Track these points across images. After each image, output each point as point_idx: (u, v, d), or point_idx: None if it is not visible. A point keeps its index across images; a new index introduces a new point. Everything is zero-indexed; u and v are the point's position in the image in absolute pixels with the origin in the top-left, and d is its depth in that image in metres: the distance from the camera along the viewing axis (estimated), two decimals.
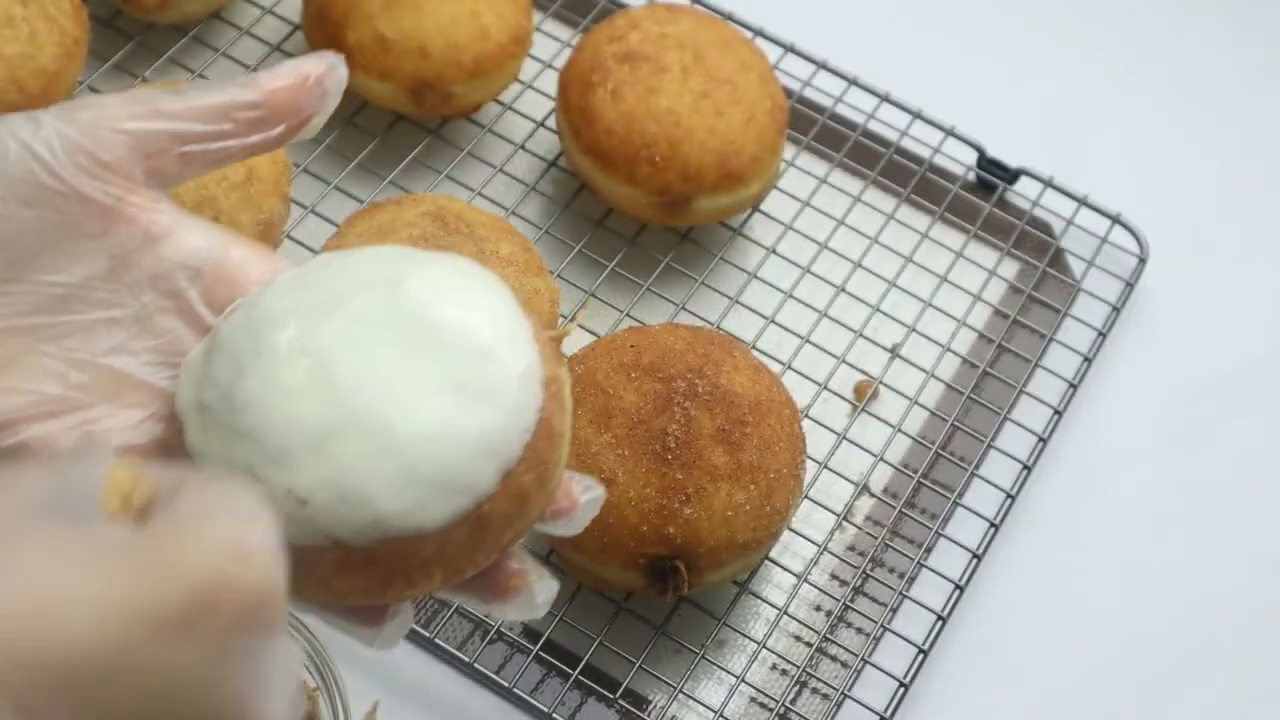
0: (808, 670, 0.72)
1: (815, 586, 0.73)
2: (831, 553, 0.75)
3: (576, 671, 0.70)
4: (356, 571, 0.44)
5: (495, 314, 0.46)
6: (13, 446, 0.44)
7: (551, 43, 0.90)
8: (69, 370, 0.46)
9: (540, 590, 0.47)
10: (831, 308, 0.82)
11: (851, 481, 0.77)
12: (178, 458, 0.45)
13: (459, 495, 0.43)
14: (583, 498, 0.48)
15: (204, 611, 0.35)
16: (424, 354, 0.44)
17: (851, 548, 0.76)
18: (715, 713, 0.70)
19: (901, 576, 0.75)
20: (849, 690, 0.71)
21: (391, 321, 0.44)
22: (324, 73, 0.50)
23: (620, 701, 0.70)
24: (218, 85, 0.48)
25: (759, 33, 0.90)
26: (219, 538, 0.36)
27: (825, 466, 0.77)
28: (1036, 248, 0.87)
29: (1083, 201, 0.88)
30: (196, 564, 0.36)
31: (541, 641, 0.70)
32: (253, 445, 0.43)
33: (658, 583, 0.68)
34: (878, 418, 0.79)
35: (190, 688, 0.35)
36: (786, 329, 0.81)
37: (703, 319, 0.81)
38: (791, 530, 0.74)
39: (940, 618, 0.73)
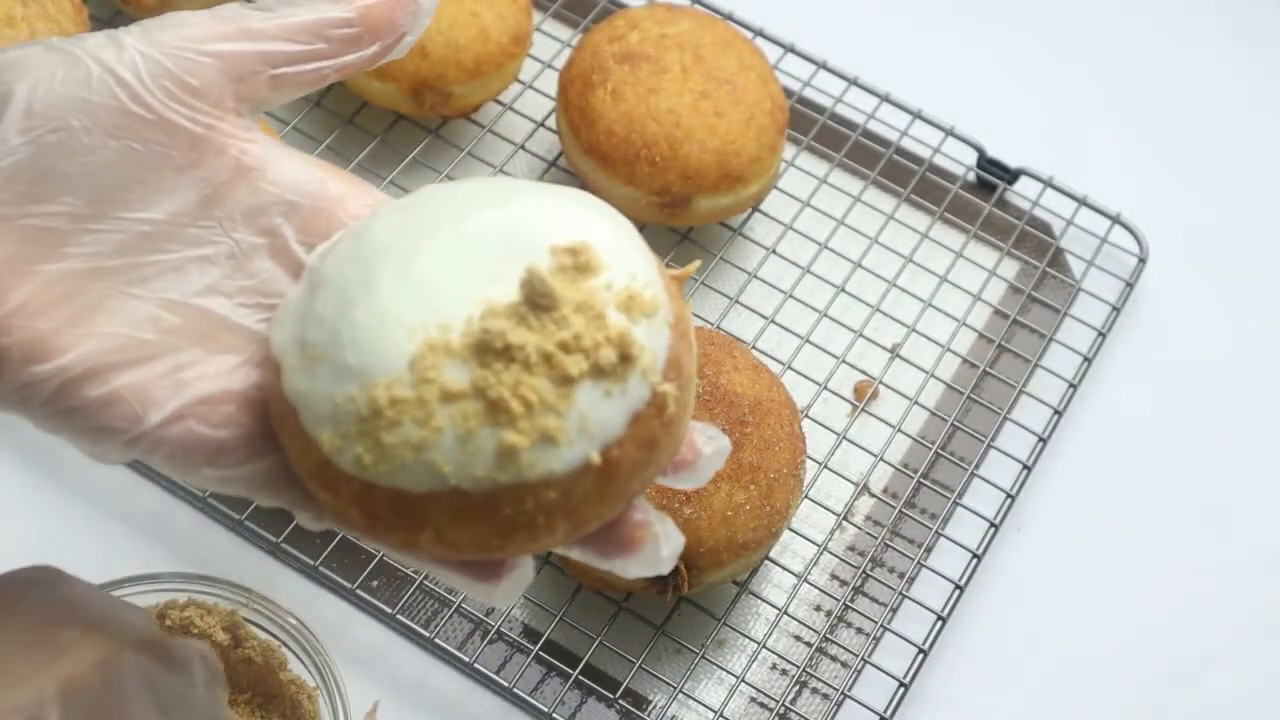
0: (808, 670, 0.72)
1: (815, 586, 0.73)
2: (831, 553, 0.75)
3: (576, 671, 0.70)
4: (474, 521, 0.40)
5: (616, 244, 0.41)
6: (102, 396, 0.41)
7: (551, 43, 0.90)
8: (160, 312, 0.42)
9: (665, 543, 0.43)
10: (831, 308, 0.82)
11: (851, 481, 0.77)
12: (274, 404, 0.42)
13: (587, 438, 0.40)
14: (706, 449, 0.44)
15: None
16: None
17: (851, 548, 0.76)
18: (715, 713, 0.70)
19: (901, 576, 0.75)
20: (849, 690, 0.71)
21: (511, 250, 0.41)
22: None
23: (620, 701, 0.70)
24: (307, 1, 0.45)
25: (759, 33, 0.90)
26: None
27: (825, 466, 0.76)
28: (1036, 248, 0.87)
29: (1082, 201, 0.88)
30: None
31: (541, 641, 0.70)
32: (365, 382, 0.40)
33: (658, 583, 0.68)
34: (878, 418, 0.79)
35: None
36: (786, 329, 0.81)
37: (703, 319, 0.81)
38: (791, 530, 0.74)
39: (940, 618, 0.73)
